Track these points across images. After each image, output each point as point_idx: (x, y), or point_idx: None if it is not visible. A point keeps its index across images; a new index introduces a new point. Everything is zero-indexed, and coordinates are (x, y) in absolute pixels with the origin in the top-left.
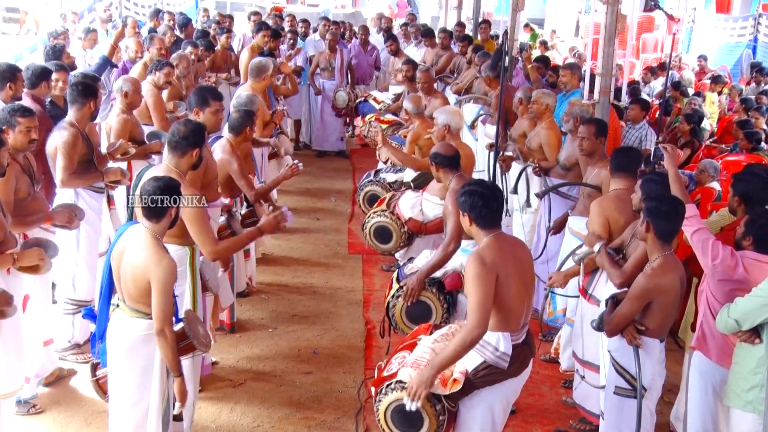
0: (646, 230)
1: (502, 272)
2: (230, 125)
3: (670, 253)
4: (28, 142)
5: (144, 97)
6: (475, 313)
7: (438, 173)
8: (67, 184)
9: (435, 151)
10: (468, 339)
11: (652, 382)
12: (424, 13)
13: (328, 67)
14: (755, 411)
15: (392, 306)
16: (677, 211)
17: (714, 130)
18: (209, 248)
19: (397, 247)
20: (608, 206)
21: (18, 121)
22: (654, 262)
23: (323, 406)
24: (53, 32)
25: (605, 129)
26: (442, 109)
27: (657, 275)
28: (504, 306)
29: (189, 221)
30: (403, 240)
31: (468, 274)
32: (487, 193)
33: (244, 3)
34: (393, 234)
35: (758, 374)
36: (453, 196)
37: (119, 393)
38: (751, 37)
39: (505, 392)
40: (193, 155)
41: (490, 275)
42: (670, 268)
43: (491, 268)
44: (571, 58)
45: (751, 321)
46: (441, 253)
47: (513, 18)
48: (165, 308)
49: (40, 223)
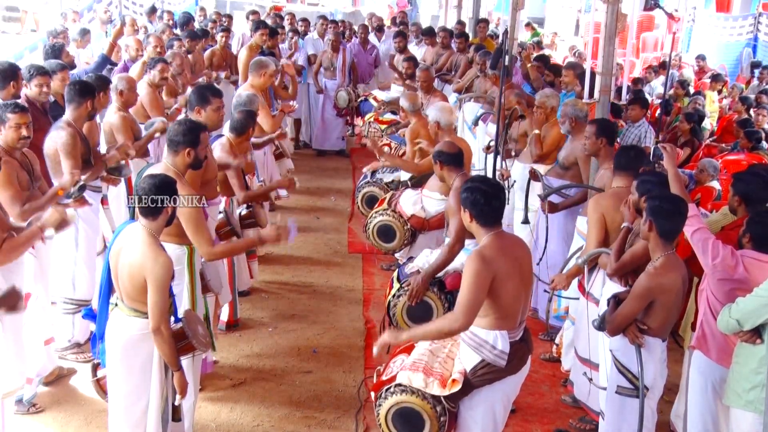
0: (649, 229)
1: (501, 271)
2: (233, 125)
3: (673, 252)
4: (19, 138)
5: (140, 96)
6: (463, 308)
7: (442, 171)
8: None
9: (439, 149)
10: (446, 329)
11: (654, 381)
12: (424, 12)
13: (330, 67)
14: (756, 410)
15: (393, 305)
16: (680, 210)
17: (714, 129)
18: (205, 249)
19: (402, 244)
20: (605, 204)
21: (8, 117)
22: (656, 261)
23: (323, 405)
24: (52, 31)
25: (607, 129)
26: (433, 107)
27: (659, 274)
28: (501, 304)
29: (185, 222)
30: (407, 237)
31: (466, 269)
32: (489, 191)
33: (244, 2)
34: (396, 232)
35: (760, 374)
36: (456, 195)
37: (118, 392)
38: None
39: (504, 390)
40: (185, 155)
41: (487, 274)
42: (672, 268)
43: (490, 267)
44: (571, 57)
45: (752, 321)
46: (446, 254)
47: (513, 17)
48: (161, 306)
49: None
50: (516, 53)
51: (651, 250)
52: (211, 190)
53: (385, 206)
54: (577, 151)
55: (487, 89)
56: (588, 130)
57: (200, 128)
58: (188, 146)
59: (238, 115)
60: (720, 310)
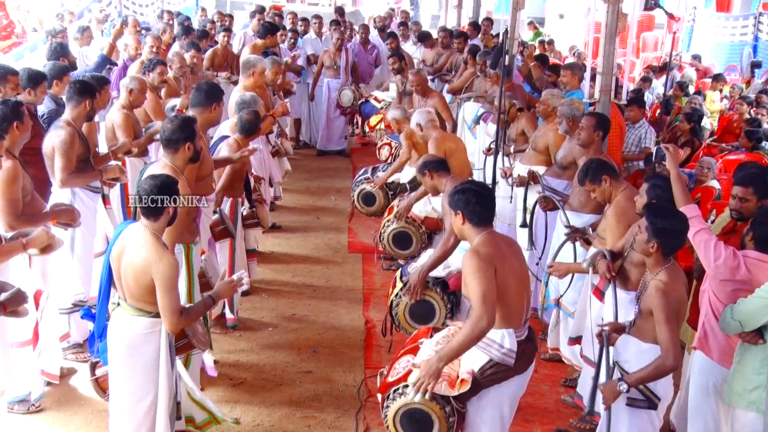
0: (656, 250)
1: (500, 266)
2: (243, 127)
3: (672, 263)
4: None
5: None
6: (479, 304)
7: (433, 181)
8: (67, 183)
9: (422, 162)
10: (476, 331)
11: (665, 391)
12: (424, 12)
13: (332, 66)
14: (758, 411)
15: (395, 304)
16: (685, 228)
17: (714, 129)
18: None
19: (419, 249)
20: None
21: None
22: (658, 275)
23: (323, 405)
24: (51, 31)
25: (605, 125)
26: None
27: (674, 289)
28: (505, 301)
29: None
30: (424, 240)
31: (466, 271)
32: (480, 192)
33: (244, 2)
34: (412, 237)
35: (762, 374)
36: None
37: (120, 392)
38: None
39: (512, 389)
40: (186, 149)
41: (488, 267)
42: (678, 278)
43: (488, 260)
44: (571, 58)
45: (755, 322)
46: (441, 248)
47: (513, 17)
48: (172, 304)
49: (45, 221)
50: (517, 52)
51: (651, 265)
52: (206, 187)
53: (395, 213)
54: (576, 150)
55: (487, 89)
56: (586, 122)
57: (193, 120)
58: (187, 140)
59: (247, 116)
60: (722, 311)
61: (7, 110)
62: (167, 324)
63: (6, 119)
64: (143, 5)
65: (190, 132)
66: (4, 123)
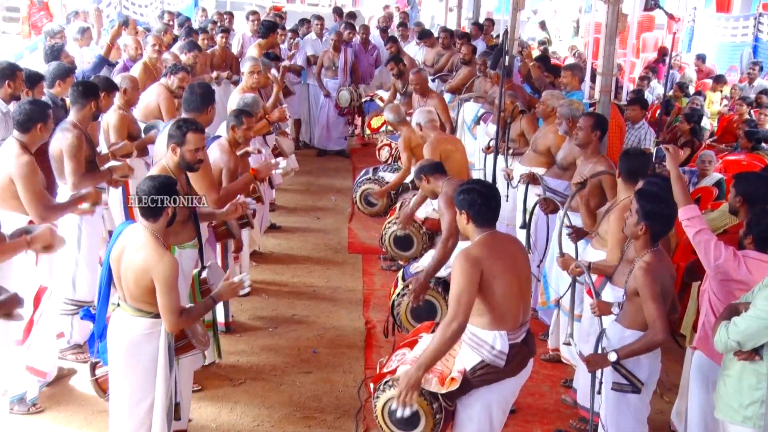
0: (644, 232)
1: (491, 269)
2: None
3: (658, 248)
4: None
5: (157, 98)
6: (452, 305)
7: (430, 185)
8: (79, 185)
9: (417, 167)
10: (448, 333)
11: (648, 377)
12: (424, 12)
13: (331, 66)
14: (755, 426)
15: (397, 305)
16: (673, 212)
17: (714, 130)
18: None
19: (421, 250)
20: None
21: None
22: (644, 256)
23: (323, 406)
24: (50, 31)
25: (603, 125)
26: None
27: (658, 268)
28: (496, 303)
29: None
30: (425, 241)
31: (453, 269)
32: (486, 192)
33: (244, 2)
34: (413, 238)
35: (759, 390)
36: (445, 198)
37: (120, 392)
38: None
39: (502, 392)
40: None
41: (473, 271)
42: (662, 259)
43: (475, 263)
44: (571, 58)
45: (753, 342)
46: (441, 251)
47: (513, 17)
48: (172, 306)
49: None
50: (516, 53)
51: (638, 248)
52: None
53: (396, 215)
54: (576, 151)
55: (487, 89)
56: (583, 122)
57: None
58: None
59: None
60: (721, 311)
61: (36, 110)
62: (167, 324)
63: (32, 120)
64: (143, 5)
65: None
66: (29, 122)
